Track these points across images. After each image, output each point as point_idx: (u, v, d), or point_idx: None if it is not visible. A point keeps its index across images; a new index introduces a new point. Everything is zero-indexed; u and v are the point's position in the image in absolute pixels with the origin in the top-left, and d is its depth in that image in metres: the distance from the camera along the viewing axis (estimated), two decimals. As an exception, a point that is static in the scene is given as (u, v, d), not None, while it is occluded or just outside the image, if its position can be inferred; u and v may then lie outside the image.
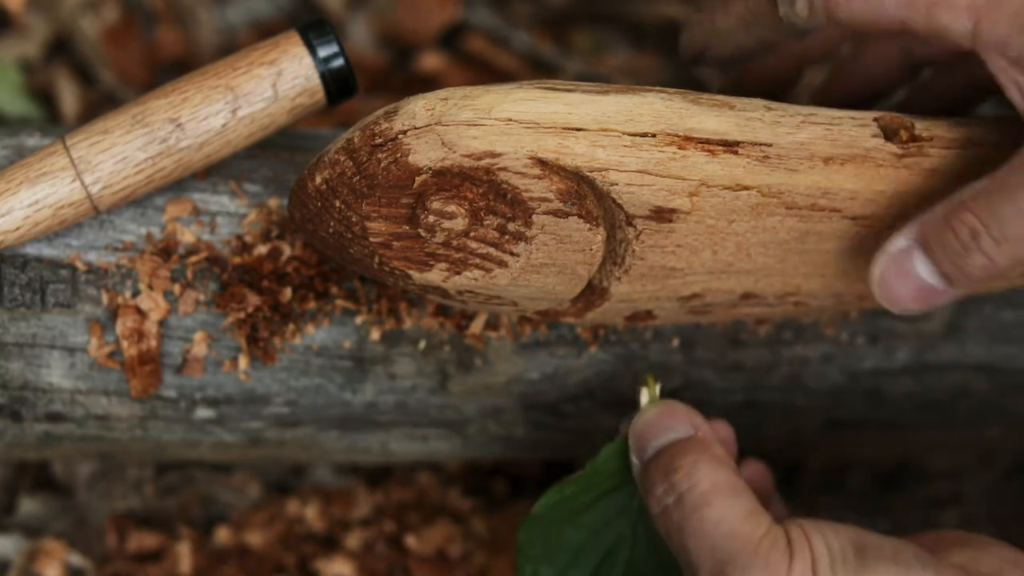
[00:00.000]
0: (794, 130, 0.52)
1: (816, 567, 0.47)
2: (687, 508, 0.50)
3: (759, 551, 0.48)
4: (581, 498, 0.56)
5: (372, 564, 0.74)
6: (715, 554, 0.48)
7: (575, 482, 0.56)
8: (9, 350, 0.58)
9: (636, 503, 0.56)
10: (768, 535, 0.48)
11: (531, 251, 0.52)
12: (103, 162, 0.55)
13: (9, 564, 0.73)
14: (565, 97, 0.50)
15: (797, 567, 0.47)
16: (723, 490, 0.50)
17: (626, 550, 0.57)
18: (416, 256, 0.52)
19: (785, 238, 0.54)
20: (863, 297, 0.58)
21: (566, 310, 0.57)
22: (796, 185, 0.52)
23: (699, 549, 0.49)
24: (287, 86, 0.56)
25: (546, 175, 0.50)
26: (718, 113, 0.51)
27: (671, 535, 0.51)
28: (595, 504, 0.56)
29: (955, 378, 0.65)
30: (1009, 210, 0.49)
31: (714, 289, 0.56)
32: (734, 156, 0.51)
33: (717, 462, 0.51)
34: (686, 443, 0.52)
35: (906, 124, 0.53)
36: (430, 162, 0.49)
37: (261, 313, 0.58)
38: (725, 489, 0.50)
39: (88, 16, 0.89)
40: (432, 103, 0.50)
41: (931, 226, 0.51)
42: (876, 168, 0.53)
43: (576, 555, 0.57)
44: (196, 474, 0.77)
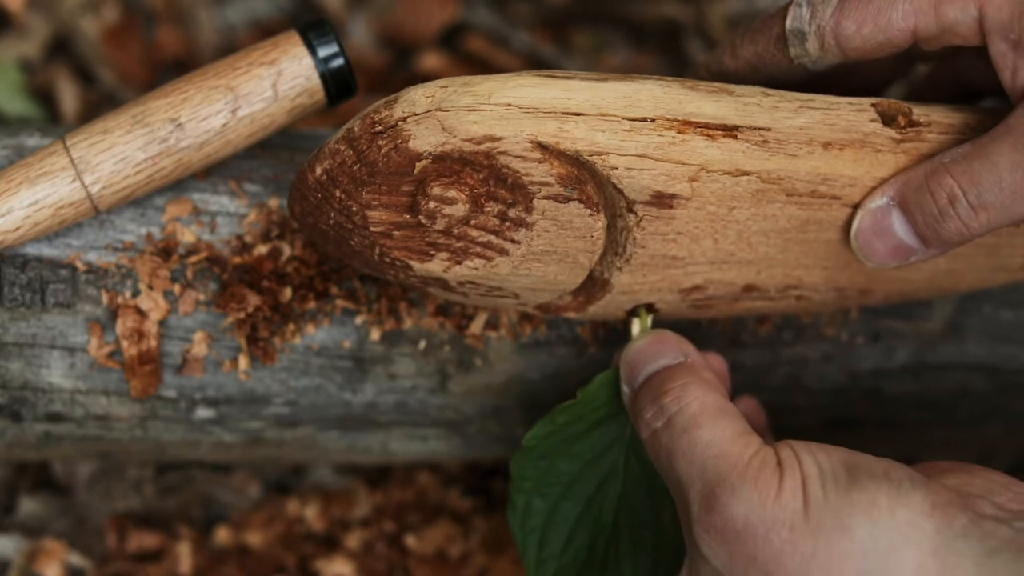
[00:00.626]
0: (792, 115, 0.52)
1: (806, 485, 0.47)
2: (676, 430, 0.50)
3: (748, 471, 0.48)
4: (573, 428, 0.56)
5: (372, 564, 0.74)
6: (705, 475, 0.48)
7: (566, 411, 0.56)
8: (9, 350, 0.58)
9: (628, 433, 0.57)
10: (758, 455, 0.48)
11: (532, 238, 0.52)
12: (103, 162, 0.55)
13: (9, 564, 0.73)
14: (564, 83, 0.50)
15: (787, 485, 0.47)
16: (712, 412, 0.50)
17: (618, 481, 0.57)
18: (417, 245, 0.52)
19: (786, 227, 0.54)
20: (865, 292, 0.58)
21: (567, 304, 0.57)
22: (796, 171, 0.52)
23: (689, 470, 0.49)
24: (287, 86, 0.56)
25: (546, 159, 0.50)
26: (716, 98, 0.51)
27: (660, 458, 0.51)
28: (587, 435, 0.57)
29: (955, 378, 0.65)
30: (988, 178, 0.50)
31: (716, 280, 0.56)
32: (733, 140, 0.51)
33: (707, 385, 0.51)
34: (676, 368, 0.53)
35: (904, 109, 0.53)
36: (430, 147, 0.50)
37: (261, 313, 0.58)
38: (715, 411, 0.50)
39: (88, 16, 0.89)
40: (432, 90, 0.50)
41: (910, 187, 0.52)
42: (875, 153, 0.53)
43: (568, 486, 0.57)
44: (196, 474, 0.77)
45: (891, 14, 0.52)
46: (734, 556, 0.47)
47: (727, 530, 0.47)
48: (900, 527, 0.46)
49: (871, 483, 0.47)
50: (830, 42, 0.53)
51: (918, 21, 0.52)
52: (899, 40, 0.52)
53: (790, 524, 0.46)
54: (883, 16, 0.52)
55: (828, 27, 0.53)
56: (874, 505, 0.46)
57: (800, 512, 0.46)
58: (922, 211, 0.52)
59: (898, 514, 0.46)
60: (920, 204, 0.52)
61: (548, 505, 0.57)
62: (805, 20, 0.53)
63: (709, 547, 0.48)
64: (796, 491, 0.47)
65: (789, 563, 0.46)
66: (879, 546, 0.45)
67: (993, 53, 0.52)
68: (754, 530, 0.47)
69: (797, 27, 0.54)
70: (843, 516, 0.46)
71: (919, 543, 0.45)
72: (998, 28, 0.51)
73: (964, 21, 0.51)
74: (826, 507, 0.46)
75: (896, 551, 0.45)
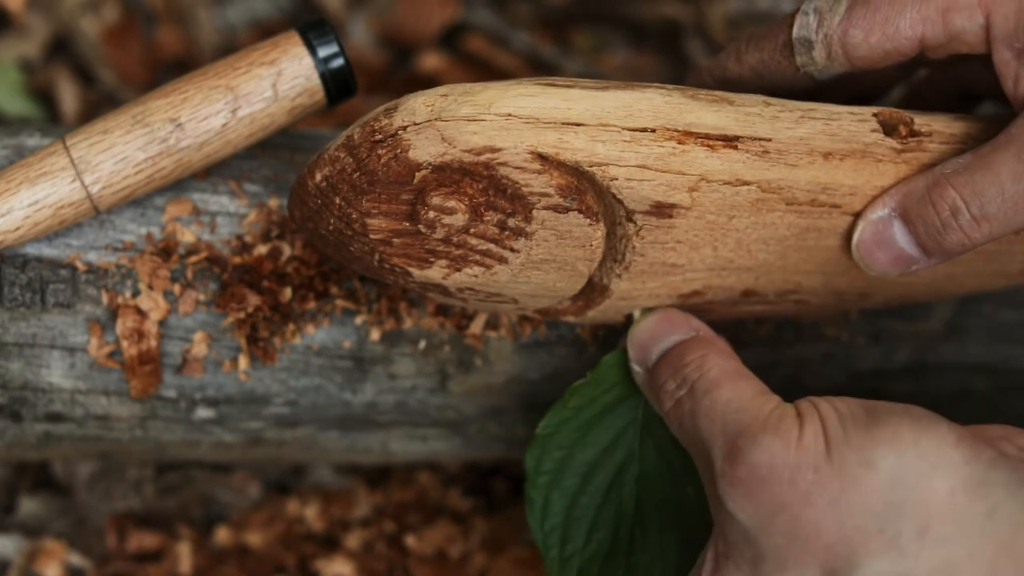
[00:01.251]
0: (793, 125, 0.52)
1: (826, 428, 0.47)
2: (698, 394, 0.51)
3: (769, 421, 0.48)
4: (586, 413, 0.56)
5: (372, 564, 0.74)
6: (726, 428, 0.49)
7: (577, 392, 0.56)
8: (9, 350, 0.58)
9: (641, 415, 0.56)
10: (777, 408, 0.48)
11: (531, 247, 0.52)
12: (103, 162, 0.55)
13: (9, 564, 0.73)
14: (564, 93, 0.50)
15: (808, 431, 0.47)
16: (732, 374, 0.51)
17: (636, 464, 0.57)
18: (416, 253, 0.52)
19: (785, 234, 0.54)
20: (864, 295, 0.58)
21: (566, 308, 0.57)
22: (796, 180, 0.52)
23: (711, 427, 0.49)
24: (287, 86, 0.56)
25: (546, 170, 0.50)
26: (717, 108, 0.51)
27: (683, 424, 0.51)
28: (600, 420, 0.56)
29: (955, 378, 0.65)
30: (990, 189, 0.50)
31: (715, 286, 0.56)
32: (734, 151, 0.51)
33: (724, 354, 0.52)
34: (690, 341, 0.53)
35: (905, 119, 0.53)
36: (430, 157, 0.49)
37: (261, 313, 0.58)
38: (734, 374, 0.51)
39: (88, 16, 0.89)
40: (432, 99, 0.50)
41: (912, 199, 0.52)
42: (875, 163, 0.53)
43: (586, 477, 0.57)
44: (196, 474, 0.77)
45: (899, 23, 0.52)
46: (761, 506, 0.47)
47: (752, 479, 0.47)
48: (927, 457, 0.45)
49: (892, 418, 0.47)
50: (837, 51, 0.53)
51: (926, 30, 0.52)
52: (906, 49, 0.52)
53: (814, 466, 0.46)
54: (891, 25, 0.52)
55: (835, 36, 0.53)
56: (897, 437, 0.46)
57: (823, 454, 0.46)
58: (924, 223, 0.52)
59: (923, 444, 0.46)
60: (922, 216, 0.52)
61: (567, 500, 0.57)
62: (812, 29, 0.53)
63: (735, 501, 0.47)
64: (817, 435, 0.47)
65: (817, 504, 0.46)
66: (907, 477, 0.45)
67: (997, 61, 0.52)
68: (779, 475, 0.46)
69: (804, 35, 0.53)
70: (867, 451, 0.46)
71: (947, 472, 0.45)
72: (1003, 36, 0.51)
73: (971, 29, 0.51)
74: (848, 445, 0.46)
75: (925, 479, 0.45)
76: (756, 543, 0.47)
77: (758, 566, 0.47)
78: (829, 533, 0.46)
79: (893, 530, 0.45)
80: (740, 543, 0.48)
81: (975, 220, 0.51)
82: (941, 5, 0.51)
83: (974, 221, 0.51)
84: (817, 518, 0.46)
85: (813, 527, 0.46)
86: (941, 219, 0.51)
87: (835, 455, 0.46)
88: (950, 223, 0.51)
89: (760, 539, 0.47)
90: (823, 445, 0.47)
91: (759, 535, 0.47)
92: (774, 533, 0.47)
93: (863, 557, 0.45)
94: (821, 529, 0.46)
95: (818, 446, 0.47)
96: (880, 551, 0.45)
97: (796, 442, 0.47)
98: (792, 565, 0.46)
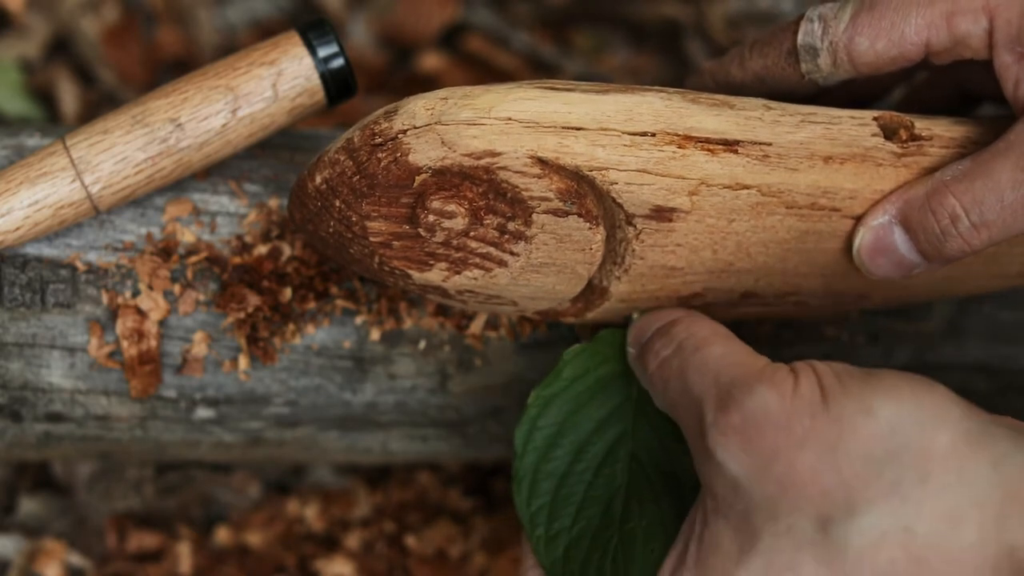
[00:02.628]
0: (794, 129, 0.52)
1: (822, 380, 0.46)
2: (688, 350, 0.50)
3: (764, 373, 0.47)
4: (578, 386, 0.56)
5: (372, 564, 0.74)
6: (720, 379, 0.48)
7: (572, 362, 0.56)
8: (9, 350, 0.58)
9: (635, 392, 0.56)
10: (771, 364, 0.48)
11: (531, 250, 0.52)
12: (103, 162, 0.55)
13: (9, 564, 0.73)
14: (564, 96, 0.50)
15: (804, 382, 0.46)
16: (723, 335, 0.51)
17: (628, 442, 0.56)
18: (416, 256, 0.52)
19: (785, 237, 0.54)
20: (863, 297, 0.58)
21: (566, 310, 0.57)
22: (796, 184, 0.52)
23: (702, 381, 0.49)
24: (287, 86, 0.56)
25: (546, 174, 0.50)
26: (718, 112, 0.51)
27: (670, 382, 0.50)
28: (593, 398, 0.56)
29: (955, 378, 0.65)
30: (989, 197, 0.50)
31: (714, 289, 0.56)
32: (734, 155, 0.51)
33: (715, 322, 0.52)
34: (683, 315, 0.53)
35: (905, 123, 0.53)
36: (430, 161, 0.49)
37: (261, 313, 0.58)
38: (725, 335, 0.51)
39: (88, 16, 0.89)
40: (432, 103, 0.50)
41: (912, 206, 0.52)
42: (876, 167, 0.53)
43: (576, 455, 0.56)
44: (196, 474, 0.77)
45: (904, 29, 0.52)
46: (753, 453, 0.46)
47: (746, 426, 0.46)
48: (928, 409, 0.45)
49: (890, 376, 0.46)
50: (843, 58, 0.53)
51: (931, 35, 0.52)
52: (912, 54, 0.52)
53: (811, 413, 0.45)
54: (896, 31, 0.52)
55: (841, 43, 0.52)
56: (896, 389, 0.45)
57: (819, 402, 0.46)
58: (924, 230, 0.52)
59: (924, 399, 0.45)
60: (922, 223, 0.52)
61: (556, 479, 0.56)
62: (817, 36, 0.53)
63: (726, 450, 0.46)
64: (813, 387, 0.46)
65: (814, 450, 0.45)
66: (907, 426, 0.45)
67: (998, 65, 0.52)
68: (775, 422, 0.46)
69: (809, 43, 0.53)
70: (866, 399, 0.45)
71: (949, 425, 0.45)
72: (1005, 41, 0.51)
73: (976, 33, 0.51)
74: (846, 394, 0.46)
75: (926, 429, 0.45)
76: (747, 494, 0.46)
77: (748, 518, 0.46)
78: (826, 479, 0.45)
79: (894, 476, 0.44)
80: (729, 496, 0.47)
81: (974, 227, 0.51)
82: (946, 10, 0.51)
83: (973, 228, 0.51)
84: (813, 463, 0.45)
85: (809, 473, 0.45)
86: (941, 227, 0.52)
87: (832, 403, 0.45)
88: (950, 230, 0.51)
89: (752, 489, 0.46)
90: (819, 395, 0.46)
91: (751, 485, 0.46)
92: (767, 481, 0.46)
93: (862, 504, 0.44)
94: (817, 475, 0.45)
95: (814, 396, 0.46)
96: (880, 497, 0.44)
97: (792, 392, 0.46)
98: (785, 514, 0.45)
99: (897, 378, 0.46)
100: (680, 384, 0.50)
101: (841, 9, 0.53)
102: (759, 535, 0.46)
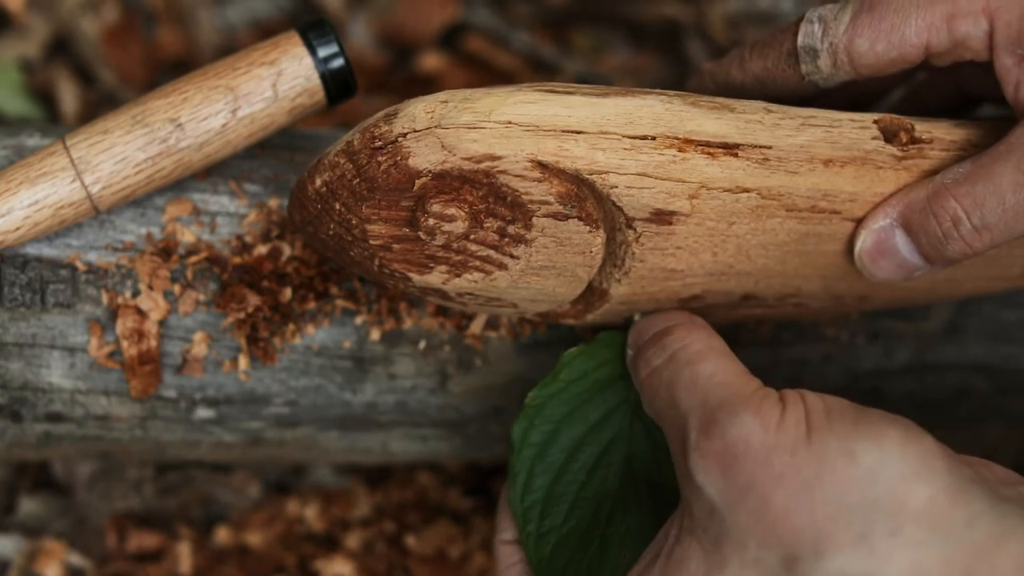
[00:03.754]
0: (794, 132, 0.52)
1: (810, 415, 0.46)
2: (679, 363, 0.50)
3: (752, 399, 0.47)
4: (575, 387, 0.56)
5: (372, 564, 0.74)
6: (707, 401, 0.48)
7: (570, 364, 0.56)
8: (9, 350, 0.58)
9: (633, 396, 0.56)
10: (761, 390, 0.48)
11: (531, 254, 0.52)
12: (103, 162, 0.55)
13: (9, 564, 0.73)
14: (564, 100, 0.50)
15: (790, 414, 0.46)
16: (717, 351, 0.50)
17: (624, 445, 0.56)
18: (416, 259, 0.52)
19: (785, 240, 0.54)
20: (863, 298, 0.58)
21: (566, 312, 0.57)
22: (796, 187, 0.52)
23: (690, 399, 0.48)
24: (287, 86, 0.56)
25: (546, 178, 0.50)
26: (718, 116, 0.51)
27: (658, 393, 0.50)
28: (591, 399, 0.56)
29: (955, 378, 0.65)
30: (991, 200, 0.50)
31: (714, 291, 0.56)
32: (734, 159, 0.51)
33: (711, 333, 0.52)
34: (681, 322, 0.53)
35: (906, 126, 0.53)
36: (430, 165, 0.49)
37: (261, 313, 0.58)
38: (719, 351, 0.50)
39: (88, 16, 0.89)
40: (432, 106, 0.50)
41: (914, 210, 0.52)
42: (876, 170, 0.53)
43: (571, 454, 0.56)
44: (196, 474, 0.77)
45: (904, 31, 0.52)
46: (731, 482, 0.46)
47: (726, 454, 0.46)
48: (911, 460, 0.44)
49: (880, 419, 0.46)
50: (843, 60, 0.53)
51: (931, 37, 0.52)
52: (912, 56, 0.52)
53: (792, 449, 0.45)
54: (896, 33, 0.52)
55: (841, 45, 0.52)
56: (883, 436, 0.45)
57: (803, 439, 0.45)
58: (926, 233, 0.52)
59: (909, 448, 0.45)
60: (924, 226, 0.52)
61: (550, 475, 0.56)
62: (817, 37, 0.53)
63: (705, 474, 0.46)
64: (799, 420, 0.46)
65: (791, 488, 0.45)
66: (887, 475, 0.44)
67: (998, 67, 0.52)
68: (754, 454, 0.45)
69: (809, 44, 0.53)
70: (850, 442, 0.45)
71: (929, 479, 0.44)
72: (1005, 43, 0.51)
73: (976, 35, 0.51)
74: (831, 432, 0.45)
75: (905, 481, 0.44)
76: (722, 519, 0.46)
77: (719, 544, 0.46)
78: (798, 518, 0.45)
79: (865, 526, 0.44)
80: (704, 519, 0.47)
81: (976, 230, 0.51)
82: (946, 12, 0.51)
83: (975, 231, 0.51)
84: (788, 501, 0.45)
85: (782, 509, 0.45)
86: (942, 229, 0.52)
87: (816, 441, 0.45)
88: (951, 233, 0.52)
89: (726, 516, 0.46)
90: (804, 431, 0.46)
91: (726, 512, 0.46)
92: (741, 511, 0.46)
93: (829, 548, 0.44)
94: (790, 513, 0.45)
95: (799, 431, 0.46)
96: (848, 545, 0.44)
97: (776, 423, 0.46)
98: (754, 546, 0.45)
99: (886, 423, 0.46)
100: (668, 396, 0.50)
101: (841, 11, 0.53)
102: (727, 562, 0.46)
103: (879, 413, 0.46)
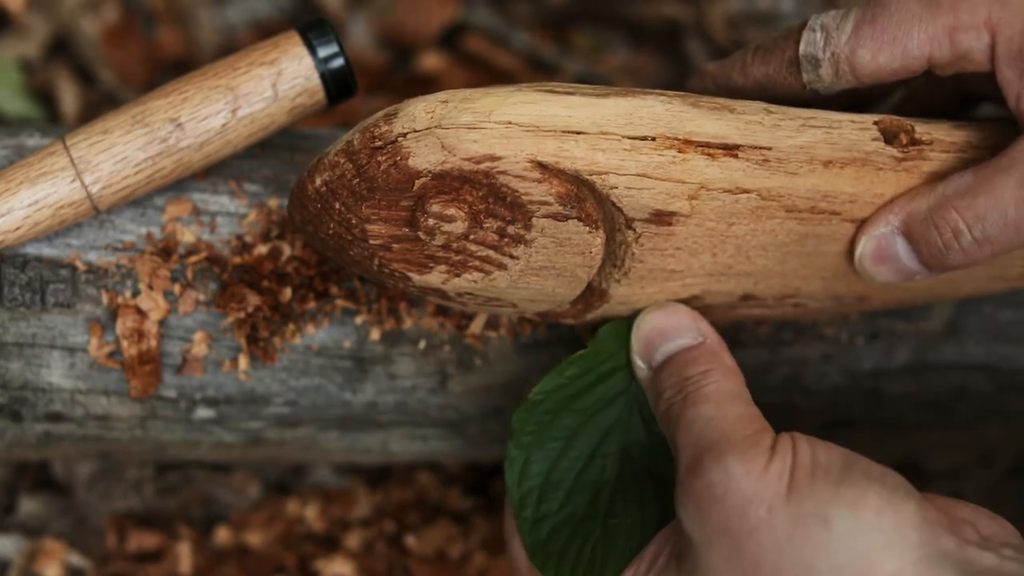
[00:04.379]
0: (794, 133, 0.52)
1: (795, 471, 0.46)
2: (687, 403, 0.51)
3: (739, 444, 0.47)
4: (580, 382, 0.56)
5: (372, 564, 0.74)
6: (698, 442, 0.49)
7: (575, 363, 0.56)
8: (9, 350, 0.58)
9: (633, 387, 0.56)
10: (753, 435, 0.48)
11: (530, 254, 0.52)
12: (103, 162, 0.55)
13: (9, 564, 0.73)
14: (564, 100, 0.50)
15: (774, 467, 0.47)
16: (726, 395, 0.51)
17: (622, 434, 0.56)
18: (416, 258, 0.52)
19: (785, 241, 0.54)
20: (863, 299, 0.58)
21: (565, 312, 0.57)
22: (796, 188, 0.52)
23: (686, 437, 0.49)
24: (287, 86, 0.56)
25: (546, 178, 0.50)
26: (718, 116, 0.51)
27: (668, 427, 0.51)
28: (592, 389, 0.56)
29: (955, 378, 0.65)
30: (992, 214, 0.51)
31: (713, 291, 0.56)
32: (734, 160, 0.51)
33: (728, 372, 0.52)
34: (697, 351, 0.53)
35: (906, 127, 0.53)
36: (430, 165, 0.49)
37: (261, 313, 0.58)
38: (728, 394, 0.51)
39: (88, 16, 0.89)
40: (432, 106, 0.50)
41: (916, 220, 0.53)
42: (876, 171, 0.53)
43: (570, 441, 0.56)
44: (196, 474, 0.77)
45: (907, 43, 0.52)
46: (707, 525, 0.47)
47: (705, 496, 0.47)
48: (884, 530, 0.45)
49: (863, 481, 0.46)
50: (844, 69, 0.53)
51: (933, 49, 0.52)
52: (914, 67, 0.52)
53: (769, 505, 0.46)
54: (899, 45, 0.52)
55: (843, 54, 0.52)
56: (862, 502, 0.45)
57: (782, 495, 0.46)
58: (927, 243, 0.52)
59: (885, 517, 0.45)
60: (925, 236, 0.52)
61: (548, 462, 0.56)
62: (819, 46, 0.53)
63: (686, 512, 0.48)
64: (783, 475, 0.46)
65: (762, 543, 0.46)
66: (857, 544, 0.45)
67: (1000, 80, 0.52)
68: (732, 500, 0.46)
69: (811, 53, 0.53)
70: (826, 506, 0.45)
71: (901, 550, 0.45)
72: (1007, 56, 0.51)
73: (978, 48, 0.51)
74: (811, 495, 0.46)
75: (876, 552, 0.45)
76: (698, 555, 0.47)
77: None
78: (764, 574, 0.46)
79: None
80: (686, 550, 0.48)
81: (977, 242, 0.51)
82: (948, 25, 0.51)
83: (976, 243, 0.51)
84: (757, 555, 0.46)
85: (752, 562, 0.46)
86: (943, 240, 0.52)
87: (794, 500, 0.46)
88: (952, 244, 0.52)
89: (699, 553, 0.47)
90: (785, 487, 0.46)
91: (702, 549, 0.47)
92: (713, 554, 0.47)
93: None
94: (759, 567, 0.46)
95: (780, 485, 0.46)
96: None
97: (759, 473, 0.46)
98: None
99: (868, 486, 0.46)
100: (673, 431, 0.51)
101: (843, 20, 0.53)
102: None
103: (865, 471, 0.47)
